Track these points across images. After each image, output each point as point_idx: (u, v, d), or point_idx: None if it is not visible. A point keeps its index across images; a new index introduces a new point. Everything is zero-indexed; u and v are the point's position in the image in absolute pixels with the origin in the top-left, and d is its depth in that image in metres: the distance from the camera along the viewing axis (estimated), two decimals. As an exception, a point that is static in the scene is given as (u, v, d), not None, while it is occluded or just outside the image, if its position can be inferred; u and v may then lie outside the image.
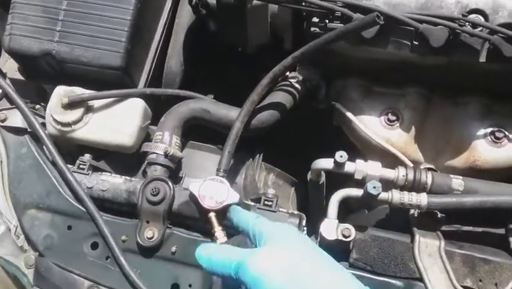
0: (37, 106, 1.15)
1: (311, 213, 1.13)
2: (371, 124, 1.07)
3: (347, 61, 1.06)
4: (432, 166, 1.10)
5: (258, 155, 1.09)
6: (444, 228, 0.96)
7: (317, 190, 1.11)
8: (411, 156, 1.08)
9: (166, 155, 0.99)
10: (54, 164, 1.02)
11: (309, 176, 1.05)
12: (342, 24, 0.94)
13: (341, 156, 0.92)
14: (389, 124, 1.07)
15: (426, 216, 0.95)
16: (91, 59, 1.01)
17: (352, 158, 1.23)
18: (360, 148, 1.12)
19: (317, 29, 0.97)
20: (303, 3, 0.93)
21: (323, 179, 1.06)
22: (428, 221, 0.96)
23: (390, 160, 1.06)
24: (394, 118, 1.06)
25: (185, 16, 1.21)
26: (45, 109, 1.14)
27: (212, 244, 0.75)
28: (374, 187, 0.87)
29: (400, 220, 1.00)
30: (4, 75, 1.08)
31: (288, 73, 1.10)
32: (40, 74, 1.11)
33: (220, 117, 1.02)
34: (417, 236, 0.91)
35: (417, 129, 1.08)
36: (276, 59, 0.99)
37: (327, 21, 0.96)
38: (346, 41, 0.96)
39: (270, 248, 0.63)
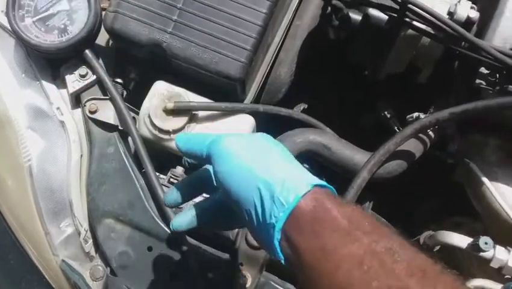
0: (117, 80, 1.02)
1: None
2: (507, 196, 0.94)
3: (498, 120, 0.91)
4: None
5: (368, 202, 0.97)
6: None
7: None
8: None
9: (274, 191, 0.87)
10: (142, 171, 0.90)
11: (424, 239, 0.94)
12: (522, 88, 0.79)
13: (486, 244, 0.80)
14: (529, 201, 0.93)
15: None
16: (207, 62, 0.88)
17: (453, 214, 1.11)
18: (482, 215, 1.00)
19: (483, 82, 0.82)
20: (483, 54, 0.78)
21: (437, 248, 0.93)
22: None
23: (513, 236, 0.94)
24: (537, 195, 0.93)
25: (307, 19, 1.05)
26: (123, 87, 1.02)
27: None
28: (525, 293, 0.74)
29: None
30: (98, 55, 0.94)
31: (420, 115, 0.96)
32: (136, 62, 0.97)
33: (343, 158, 0.90)
34: None
35: (556, 209, 0.95)
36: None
37: (498, 76, 0.81)
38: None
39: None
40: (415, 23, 0.87)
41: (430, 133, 0.95)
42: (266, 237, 0.55)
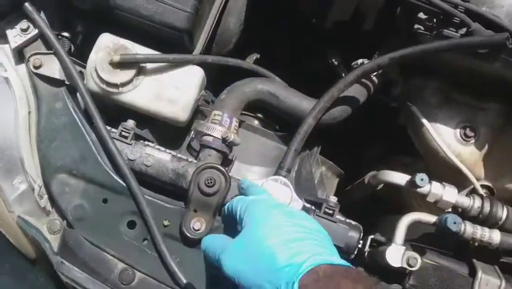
0: (64, 34, 1.00)
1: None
2: (445, 135, 1.01)
3: (437, 63, 0.95)
4: (490, 184, 1.06)
5: (316, 147, 1.01)
6: (503, 260, 0.93)
7: (366, 192, 1.05)
8: (474, 173, 1.03)
9: (224, 140, 0.90)
10: (93, 125, 0.90)
11: (368, 179, 0.99)
12: (455, 31, 0.82)
13: (421, 180, 0.86)
14: (464, 140, 1.00)
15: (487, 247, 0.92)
16: (152, 13, 0.87)
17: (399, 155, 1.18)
18: (422, 154, 1.06)
19: (421, 27, 0.85)
20: (419, -1, 0.80)
21: (380, 186, 0.99)
22: (488, 251, 0.93)
23: (453, 174, 1.01)
24: (472, 134, 1.00)
25: (255, -32, 1.04)
26: (70, 41, 1.01)
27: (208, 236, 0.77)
28: (454, 223, 0.82)
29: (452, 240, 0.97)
30: (40, 9, 0.91)
31: (364, 61, 0.99)
32: (79, 12, 0.95)
33: (290, 106, 0.93)
34: (479, 273, 0.89)
35: (489, 147, 1.02)
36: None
37: (435, 20, 0.84)
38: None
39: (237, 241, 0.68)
40: (358, -31, 0.89)
41: (374, 78, 0.99)
42: None
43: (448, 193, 0.89)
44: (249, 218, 0.68)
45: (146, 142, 0.94)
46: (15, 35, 0.90)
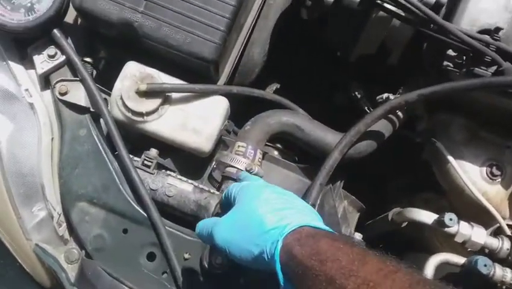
0: (87, 59, 1.00)
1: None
2: (471, 173, 0.99)
3: (463, 100, 0.94)
4: (515, 224, 1.04)
5: (339, 181, 0.99)
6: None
7: (389, 228, 1.03)
8: (500, 212, 1.00)
9: (248, 173, 0.88)
10: (116, 154, 0.89)
11: (393, 216, 0.97)
12: (485, 69, 0.81)
13: (450, 220, 0.84)
14: (491, 178, 0.99)
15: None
16: (180, 43, 0.87)
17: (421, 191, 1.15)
18: (447, 191, 1.04)
19: (450, 64, 0.84)
20: (450, 37, 0.80)
21: (404, 224, 0.97)
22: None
23: (478, 212, 0.98)
24: (498, 172, 0.98)
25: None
26: (92, 66, 1.01)
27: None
28: (485, 265, 0.79)
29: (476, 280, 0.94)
30: (67, 35, 0.91)
31: (390, 96, 0.98)
32: (106, 41, 0.95)
33: (315, 139, 0.92)
34: (507, 317, 0.85)
35: (515, 185, 1.00)
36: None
37: (464, 58, 0.83)
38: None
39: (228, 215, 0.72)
40: (386, 4, 0.89)
41: (399, 113, 0.97)
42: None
43: (477, 234, 0.87)
44: (241, 196, 0.72)
45: (168, 172, 0.93)
46: (42, 61, 0.90)
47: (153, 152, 0.92)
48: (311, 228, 0.62)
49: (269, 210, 0.66)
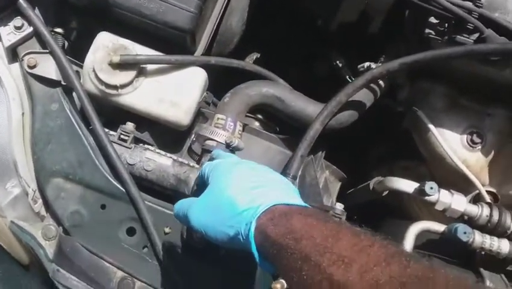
0: (57, 30, 0.95)
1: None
2: (451, 141, 0.99)
3: (444, 68, 0.93)
4: (494, 190, 1.04)
5: (320, 152, 0.98)
6: (509, 268, 0.92)
7: (370, 197, 1.03)
8: (479, 179, 1.01)
9: (228, 145, 0.87)
10: (90, 128, 0.86)
11: (374, 185, 0.97)
12: (467, 37, 0.80)
13: (431, 188, 0.83)
14: (471, 146, 0.99)
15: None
16: (154, 12, 0.84)
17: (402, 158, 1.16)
18: (427, 159, 1.04)
19: (432, 32, 0.82)
20: (432, 3, 0.78)
21: (385, 193, 0.97)
22: (494, 260, 0.91)
23: (457, 179, 0.99)
24: (478, 140, 0.98)
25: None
26: (64, 37, 0.96)
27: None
28: (465, 233, 0.80)
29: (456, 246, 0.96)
30: (34, 5, 0.86)
31: (371, 64, 0.96)
32: (76, 9, 0.91)
33: (296, 110, 0.90)
34: (486, 282, 0.88)
35: (495, 153, 1.00)
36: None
37: (446, 25, 0.82)
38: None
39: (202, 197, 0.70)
40: (367, -30, 0.86)
41: (381, 82, 0.96)
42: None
43: (457, 201, 0.87)
44: (213, 175, 0.71)
45: (146, 146, 0.90)
46: (9, 33, 0.85)
47: (130, 125, 0.89)
48: (284, 206, 0.61)
49: (240, 190, 0.65)
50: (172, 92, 0.87)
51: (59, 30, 0.96)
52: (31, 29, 0.85)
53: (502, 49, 0.75)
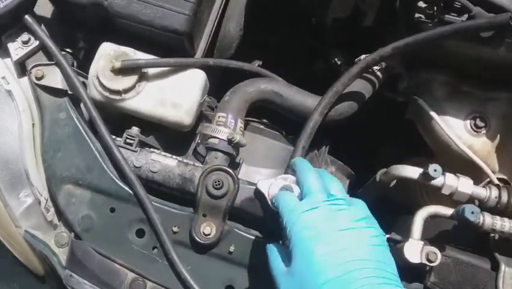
0: (66, 50, 1.00)
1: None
2: (455, 127, 0.98)
3: (442, 54, 0.94)
4: (505, 177, 1.03)
5: (324, 146, 0.98)
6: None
7: (379, 191, 1.02)
8: (488, 165, 1.00)
9: (230, 142, 0.88)
10: (97, 134, 0.89)
11: (380, 176, 0.96)
12: (457, 17, 0.81)
13: (435, 170, 0.83)
14: (475, 131, 0.98)
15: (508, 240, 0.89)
16: (151, 18, 0.87)
17: (412, 155, 1.14)
18: (434, 149, 1.03)
19: (422, 16, 0.84)
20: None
21: (394, 182, 0.96)
22: (509, 244, 0.89)
23: (466, 167, 0.98)
24: (482, 124, 0.98)
25: (252, -29, 1.04)
26: (73, 56, 1.01)
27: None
28: (472, 212, 0.78)
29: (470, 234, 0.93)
30: (41, 22, 0.91)
31: (366, 56, 0.97)
32: (80, 24, 0.95)
33: (295, 104, 0.91)
34: (502, 267, 0.85)
35: (501, 138, 0.99)
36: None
37: (435, 8, 0.83)
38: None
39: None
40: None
41: (378, 73, 0.97)
42: None
43: (463, 184, 0.86)
44: (296, 250, 0.67)
45: (151, 149, 0.92)
46: (17, 48, 0.90)
47: (135, 129, 0.92)
48: None
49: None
50: (173, 94, 0.90)
51: (68, 50, 1.01)
52: (37, 42, 0.90)
53: (490, 22, 0.76)
